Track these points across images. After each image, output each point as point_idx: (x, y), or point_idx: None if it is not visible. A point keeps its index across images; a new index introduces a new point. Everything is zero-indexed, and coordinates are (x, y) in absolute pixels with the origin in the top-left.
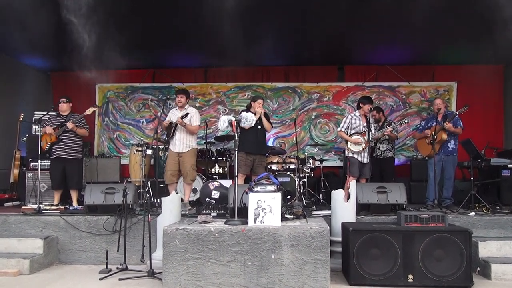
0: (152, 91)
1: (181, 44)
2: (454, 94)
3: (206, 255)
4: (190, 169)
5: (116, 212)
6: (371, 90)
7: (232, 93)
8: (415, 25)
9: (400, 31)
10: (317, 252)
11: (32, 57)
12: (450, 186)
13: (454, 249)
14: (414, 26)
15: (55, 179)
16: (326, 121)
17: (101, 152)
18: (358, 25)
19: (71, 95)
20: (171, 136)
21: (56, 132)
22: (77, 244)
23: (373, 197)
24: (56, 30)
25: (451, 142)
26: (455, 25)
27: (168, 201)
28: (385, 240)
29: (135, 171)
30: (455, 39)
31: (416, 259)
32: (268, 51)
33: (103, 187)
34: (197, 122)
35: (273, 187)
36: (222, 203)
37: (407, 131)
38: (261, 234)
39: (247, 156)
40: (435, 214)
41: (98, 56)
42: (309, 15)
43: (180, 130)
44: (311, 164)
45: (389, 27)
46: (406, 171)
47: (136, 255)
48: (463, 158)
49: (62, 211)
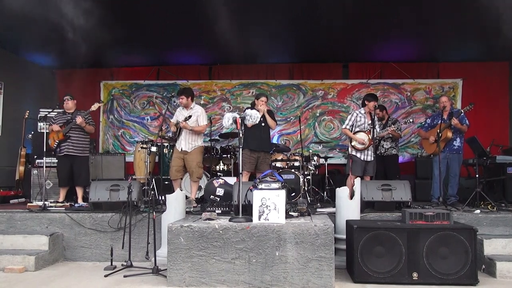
0: (156, 88)
1: (185, 41)
2: (460, 91)
3: (210, 252)
4: (196, 167)
5: (121, 209)
6: (376, 88)
7: (236, 90)
8: (420, 21)
9: (405, 28)
10: (322, 249)
11: (36, 54)
12: (455, 184)
13: (459, 247)
14: (419, 22)
15: (62, 176)
16: (331, 118)
17: (106, 150)
18: (363, 21)
19: (76, 92)
20: (177, 135)
21: (63, 130)
22: (82, 241)
23: (378, 195)
24: (60, 27)
25: (457, 140)
26: (460, 21)
27: (172, 198)
28: (389, 238)
29: (139, 168)
30: (461, 35)
31: (420, 257)
32: (272, 48)
33: (108, 184)
34: (205, 121)
35: (277, 185)
36: (227, 200)
37: (412, 129)
38: (266, 232)
39: (251, 153)
40: (440, 211)
41: (102, 53)
42: (313, 11)
43: (185, 130)
44: (315, 162)
45: (393, 24)
46: (411, 169)
47: (141, 252)
48: (469, 156)
49: (68, 208)
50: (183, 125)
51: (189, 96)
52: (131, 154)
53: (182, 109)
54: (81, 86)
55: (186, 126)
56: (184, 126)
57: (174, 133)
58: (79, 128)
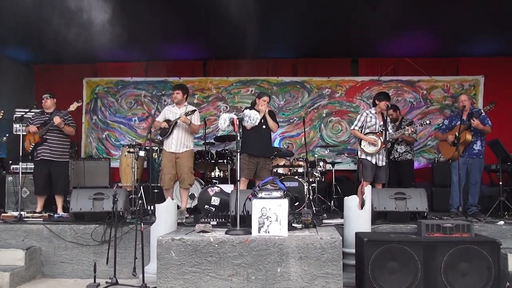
0: (145, 86)
1: (177, 33)
2: (481, 90)
3: (205, 268)
4: (188, 173)
5: (106, 221)
6: (388, 85)
7: (233, 89)
8: (438, 12)
9: (421, 19)
10: (328, 265)
11: (11, 47)
12: (476, 192)
13: (480, 262)
14: (436, 13)
15: (39, 183)
16: (338, 120)
17: (89, 154)
18: (374, 12)
19: (56, 90)
20: (167, 135)
21: (40, 132)
22: (62, 255)
23: (391, 204)
24: (39, 18)
25: (477, 144)
26: (482, 12)
27: (162, 208)
28: (404, 252)
29: (126, 175)
30: (483, 27)
31: (438, 273)
32: (274, 42)
33: (91, 192)
34: (198, 122)
35: (279, 193)
36: (223, 210)
37: (428, 131)
38: (266, 245)
39: (250, 158)
40: (459, 223)
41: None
42: (318, 0)
43: (179, 128)
44: (321, 168)
45: (408, 15)
46: (428, 175)
47: (127, 268)
48: (491, 161)
49: (46, 219)
50: (184, 119)
51: (185, 93)
52: (117, 159)
53: (173, 107)
54: (61, 83)
55: (186, 120)
56: (185, 121)
57: (165, 132)
58: (58, 129)
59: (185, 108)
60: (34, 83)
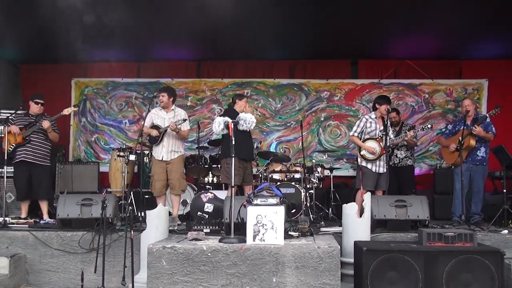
0: (136, 87)
1: (170, 32)
2: (485, 94)
3: (197, 278)
4: (180, 178)
5: (94, 227)
6: (389, 89)
7: (228, 91)
8: (440, 13)
9: (423, 20)
10: (326, 275)
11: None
12: (479, 200)
13: (483, 273)
14: (439, 14)
15: (20, 187)
16: (337, 124)
17: (77, 158)
18: (375, 13)
19: (44, 91)
20: (158, 142)
21: (24, 132)
22: (48, 263)
23: (391, 212)
24: (27, 15)
25: (481, 150)
26: (485, 13)
27: (154, 215)
28: (404, 262)
29: (116, 180)
30: (487, 29)
31: (440, 284)
32: (270, 42)
33: (79, 198)
34: (188, 127)
35: (275, 200)
36: (217, 217)
37: (430, 136)
38: (261, 254)
39: (239, 163)
40: (462, 232)
41: (74, 46)
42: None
43: (169, 136)
44: (319, 173)
45: (410, 16)
46: (429, 182)
47: (116, 277)
48: (495, 168)
49: (31, 225)
50: (174, 128)
51: (171, 96)
52: (106, 163)
53: (160, 110)
54: (49, 84)
55: (176, 129)
56: (174, 129)
57: (155, 140)
58: (43, 133)
59: (173, 112)
60: (21, 82)
